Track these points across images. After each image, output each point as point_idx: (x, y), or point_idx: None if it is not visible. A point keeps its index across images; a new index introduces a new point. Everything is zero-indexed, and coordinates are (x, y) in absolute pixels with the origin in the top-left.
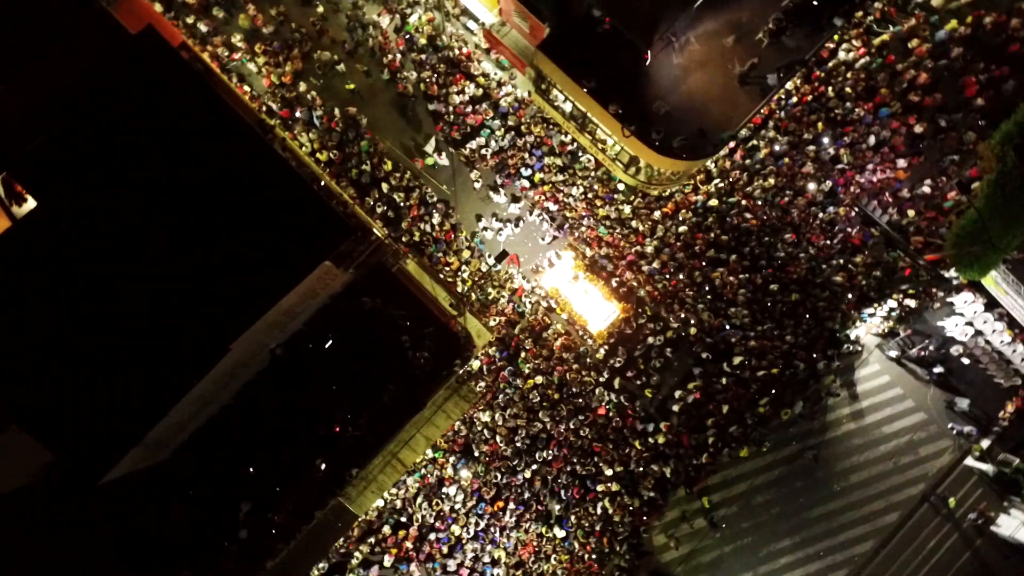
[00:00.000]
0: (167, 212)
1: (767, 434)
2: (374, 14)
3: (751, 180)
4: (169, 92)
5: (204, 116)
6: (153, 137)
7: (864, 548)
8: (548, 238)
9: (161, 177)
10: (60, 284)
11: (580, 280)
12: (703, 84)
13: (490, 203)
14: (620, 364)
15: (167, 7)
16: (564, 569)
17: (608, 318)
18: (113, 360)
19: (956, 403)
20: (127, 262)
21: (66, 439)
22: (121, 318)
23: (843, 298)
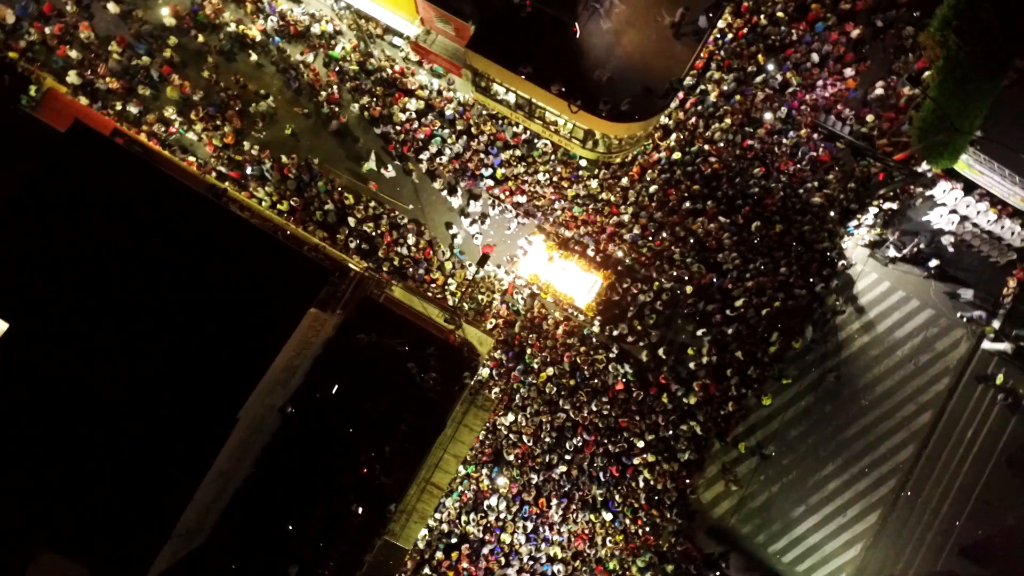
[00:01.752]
0: (140, 300)
1: (785, 368)
2: (297, 54)
3: (708, 125)
4: (112, 181)
5: (153, 196)
6: (107, 228)
7: (906, 454)
8: (513, 226)
9: (125, 266)
10: (49, 396)
11: (556, 260)
12: (637, 43)
13: (457, 211)
14: (618, 332)
15: (92, 98)
16: (621, 549)
17: (592, 289)
18: (125, 459)
19: (960, 294)
20: (112, 359)
21: (97, 550)
22: (121, 416)
23: (825, 217)
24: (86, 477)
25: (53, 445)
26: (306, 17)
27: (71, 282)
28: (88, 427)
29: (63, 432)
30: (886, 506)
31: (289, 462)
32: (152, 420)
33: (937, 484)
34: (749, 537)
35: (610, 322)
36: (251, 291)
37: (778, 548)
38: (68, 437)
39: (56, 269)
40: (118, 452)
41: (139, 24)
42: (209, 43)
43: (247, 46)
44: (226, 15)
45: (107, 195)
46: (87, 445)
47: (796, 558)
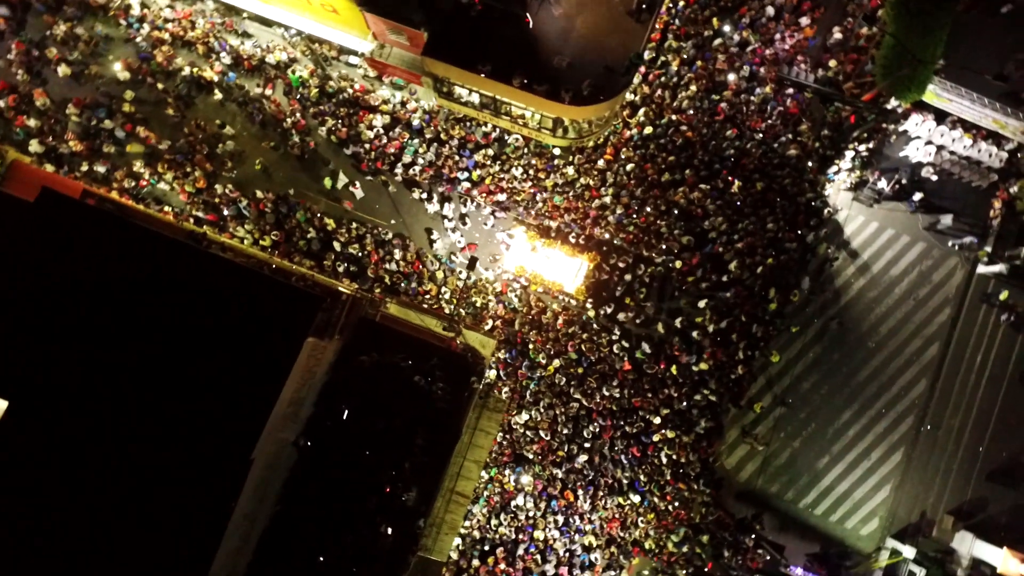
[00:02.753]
0: (135, 356)
1: (788, 321)
2: (255, 88)
3: (674, 95)
4: (89, 242)
5: (133, 251)
6: (90, 289)
7: (920, 389)
8: (491, 221)
9: (115, 324)
10: (63, 466)
11: (539, 249)
12: (591, 23)
13: (437, 218)
14: (624, 318)
15: (58, 164)
16: (655, 527)
17: (579, 273)
18: (146, 517)
19: (948, 223)
20: (116, 420)
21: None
22: (134, 474)
23: (804, 168)
24: (110, 541)
25: (73, 514)
26: (258, 50)
27: (66, 349)
28: (103, 490)
29: (80, 500)
30: (908, 443)
31: (312, 494)
32: (167, 474)
33: (955, 413)
34: (778, 496)
35: (602, 303)
36: (246, 330)
37: (808, 502)
38: (85, 504)
39: (47, 338)
40: (138, 511)
41: (94, 81)
42: (167, 89)
43: (205, 88)
44: (179, 60)
45: (86, 257)
46: (105, 509)
47: (827, 509)
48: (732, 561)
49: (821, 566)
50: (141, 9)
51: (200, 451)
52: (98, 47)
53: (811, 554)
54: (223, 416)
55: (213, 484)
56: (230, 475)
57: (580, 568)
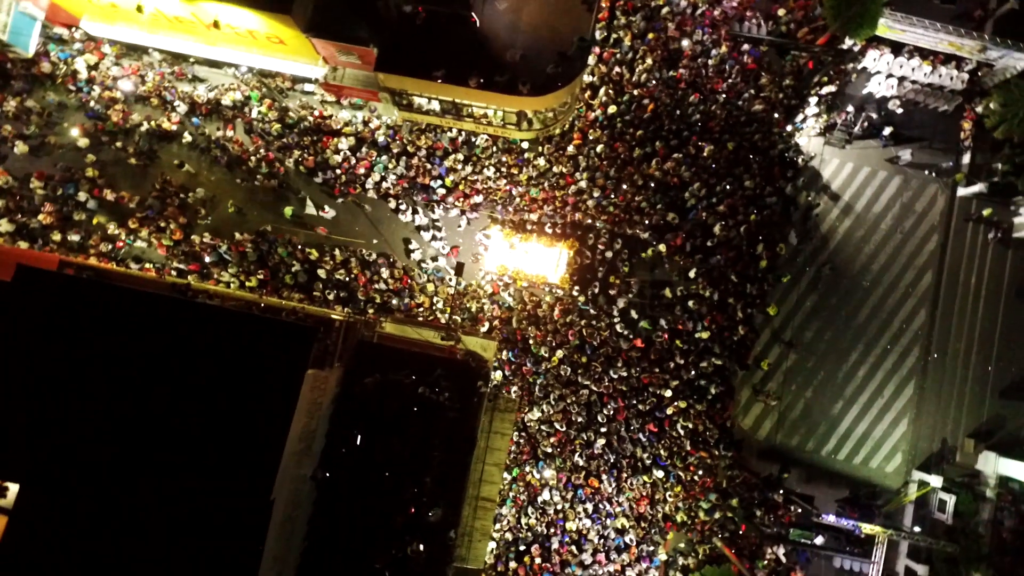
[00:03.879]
0: (137, 418)
1: (780, 274)
2: (215, 130)
3: (632, 70)
4: (72, 311)
5: (119, 313)
6: (86, 358)
7: (920, 320)
8: (464, 223)
9: (114, 388)
10: (83, 540)
11: (517, 245)
12: (538, 12)
13: (416, 229)
14: (623, 305)
15: (31, 239)
16: (683, 499)
17: (560, 261)
18: (173, 570)
19: (921, 151)
20: (130, 484)
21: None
22: (157, 534)
23: (771, 121)
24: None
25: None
26: (212, 93)
27: (69, 422)
28: (128, 557)
29: (107, 567)
30: (918, 375)
31: (338, 525)
32: (189, 532)
33: (959, 338)
34: (799, 447)
35: (587, 286)
36: (244, 373)
37: (830, 448)
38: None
39: (48, 414)
40: (165, 561)
41: (54, 151)
42: (127, 147)
43: (166, 139)
44: (135, 116)
45: (73, 326)
46: (132, 563)
47: (849, 452)
48: (765, 519)
49: (852, 510)
50: (88, 72)
51: (218, 502)
52: (52, 117)
53: (841, 500)
54: (236, 463)
55: (237, 533)
56: (253, 521)
57: (616, 551)
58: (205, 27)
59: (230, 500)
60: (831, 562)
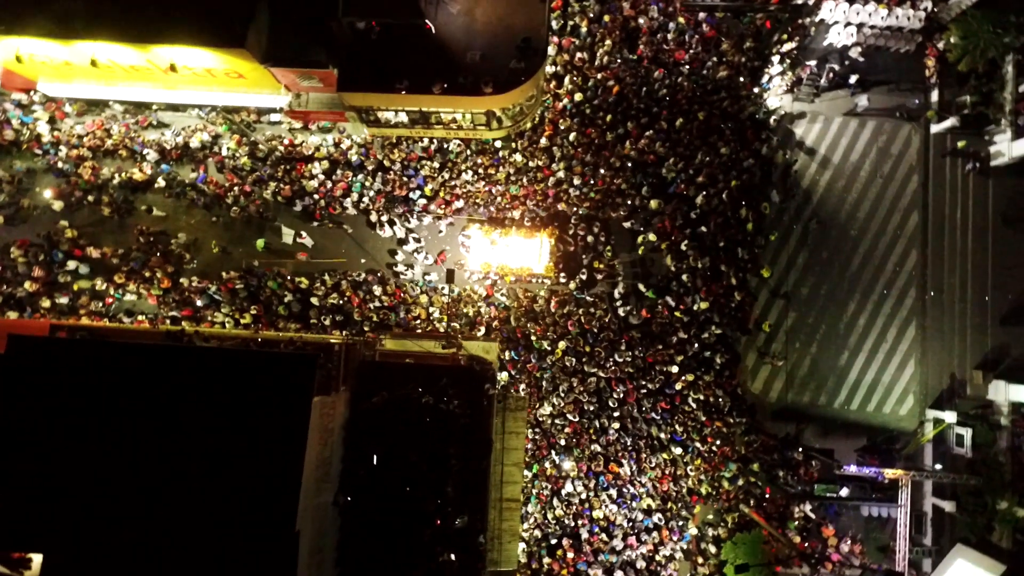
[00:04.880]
0: (151, 473)
1: (768, 232)
2: (188, 173)
3: (593, 54)
4: (72, 373)
5: (117, 369)
6: (91, 419)
7: (912, 260)
8: (444, 227)
9: (122, 445)
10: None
11: (497, 241)
12: (491, 11)
13: (400, 242)
14: (586, 277)
15: (19, 309)
16: (705, 472)
17: (543, 251)
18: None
19: (856, 105)
20: (152, 540)
21: None
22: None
23: (737, 86)
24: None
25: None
26: (180, 137)
27: (84, 485)
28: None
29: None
30: (918, 315)
31: (368, 546)
32: (218, 570)
33: (952, 273)
34: (811, 403)
35: (573, 273)
36: (251, 411)
37: (842, 400)
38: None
39: (61, 481)
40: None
41: (30, 215)
42: (100, 201)
43: (139, 189)
44: (105, 171)
45: (73, 389)
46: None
47: (862, 401)
48: (788, 479)
49: (873, 457)
50: (52, 134)
51: (244, 542)
52: (22, 183)
53: (860, 449)
54: (255, 501)
55: (267, 570)
56: (281, 556)
57: (646, 532)
58: (162, 72)
59: (256, 539)
60: (859, 512)
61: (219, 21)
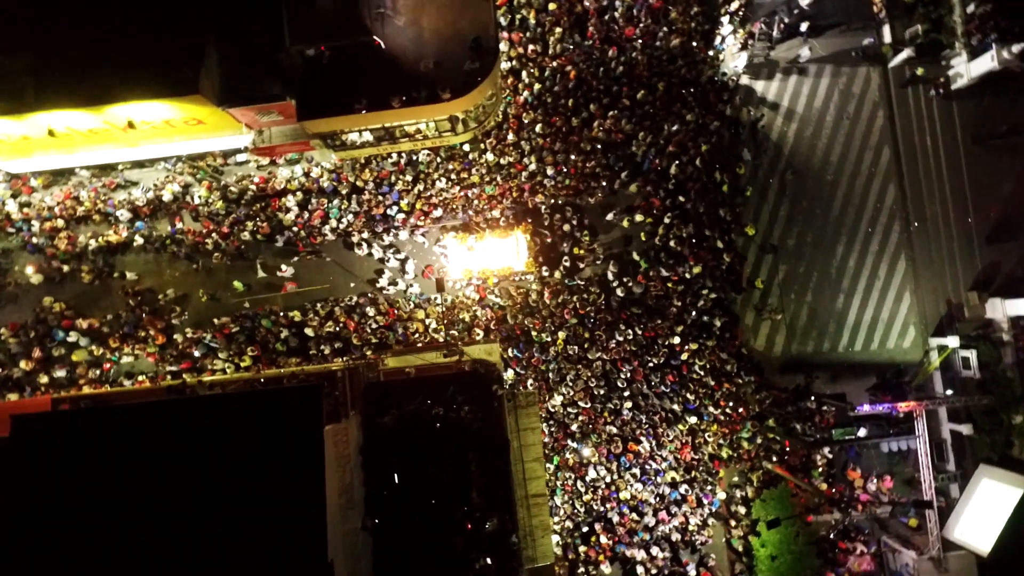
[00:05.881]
0: (176, 527)
1: (746, 190)
2: (166, 227)
3: (545, 44)
4: (82, 443)
5: (126, 430)
6: (107, 485)
7: (891, 195)
8: (420, 238)
9: (146, 505)
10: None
11: (474, 246)
12: (437, 18)
13: (383, 261)
14: (569, 264)
15: (18, 389)
16: (723, 436)
17: (520, 247)
18: None
19: (799, 56)
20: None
21: None
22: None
23: (692, 51)
24: None
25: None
26: (150, 193)
27: (109, 549)
28: None
29: None
30: (906, 247)
31: (403, 564)
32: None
33: (932, 201)
34: (816, 351)
35: (555, 264)
36: (264, 449)
37: (845, 343)
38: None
39: (86, 547)
40: None
41: (13, 291)
42: (82, 269)
43: (118, 251)
44: (81, 238)
45: (85, 458)
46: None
47: (864, 341)
48: (805, 430)
49: (884, 394)
50: (21, 211)
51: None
52: (0, 265)
53: (870, 388)
54: (283, 539)
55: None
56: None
57: (675, 505)
58: (121, 131)
59: (291, 574)
60: (879, 449)
61: (169, 71)
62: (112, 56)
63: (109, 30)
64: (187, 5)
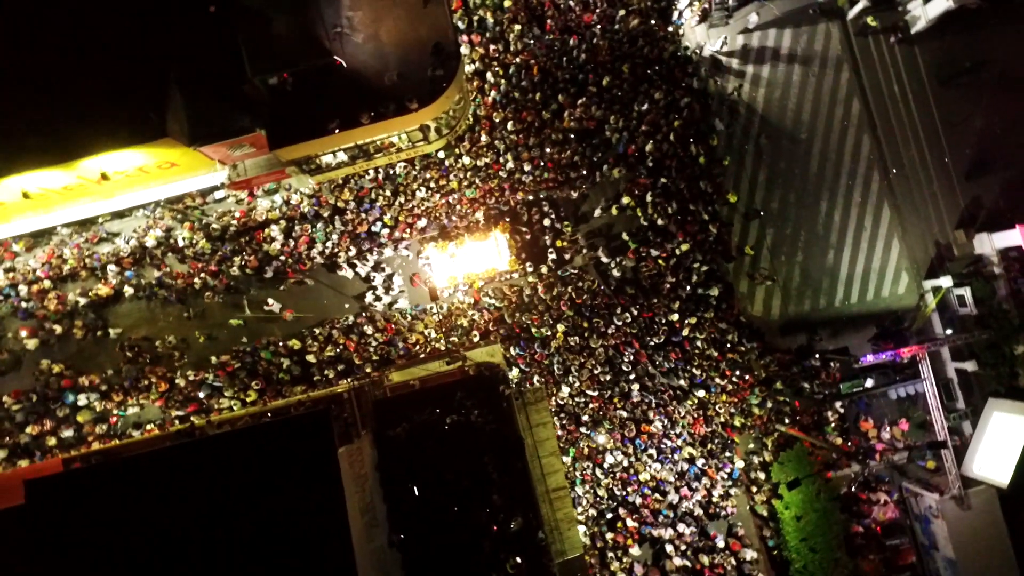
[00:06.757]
0: (204, 567)
1: (723, 160)
2: (153, 274)
3: (506, 42)
4: (99, 498)
5: (141, 481)
6: (129, 539)
7: (867, 145)
8: (403, 251)
9: (169, 553)
10: None
11: (455, 253)
12: (395, 29)
13: (372, 278)
14: (555, 257)
15: (28, 455)
16: (735, 405)
17: (501, 247)
18: None
19: (749, 22)
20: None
21: None
22: None
23: (652, 30)
24: None
25: None
26: (133, 241)
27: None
28: None
29: None
30: (888, 195)
31: (434, 573)
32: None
33: (907, 145)
34: (813, 310)
35: (539, 259)
36: (280, 480)
37: (840, 298)
38: None
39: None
40: None
41: (18, 363)
42: (76, 327)
43: (109, 303)
44: (71, 296)
45: (101, 515)
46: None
47: (859, 293)
48: (813, 388)
49: (886, 342)
50: (7, 276)
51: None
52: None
53: (872, 338)
54: (311, 566)
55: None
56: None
57: (695, 479)
58: (96, 184)
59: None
60: (888, 397)
61: (135, 117)
62: (76, 110)
63: (69, 84)
64: (144, 49)
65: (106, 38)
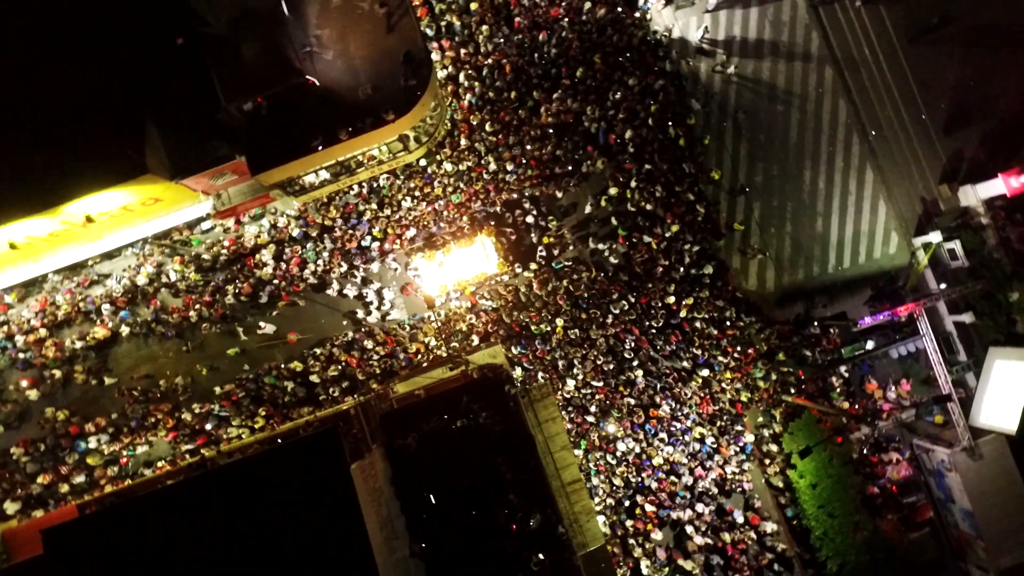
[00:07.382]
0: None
1: (703, 139)
2: (147, 312)
3: (476, 46)
4: (117, 540)
5: (156, 517)
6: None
7: (844, 110)
8: (392, 263)
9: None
10: None
11: (443, 261)
12: (363, 43)
13: (365, 293)
14: (544, 254)
15: (42, 505)
16: (740, 381)
17: (488, 250)
18: None
19: (708, 2)
20: None
21: None
22: None
23: (619, 17)
24: None
25: None
26: (124, 280)
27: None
28: None
29: None
30: (870, 158)
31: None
32: None
33: (883, 107)
34: (807, 278)
35: (527, 259)
36: (295, 502)
37: (833, 264)
38: None
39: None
40: None
41: (23, 415)
42: (76, 371)
43: (107, 345)
44: (68, 342)
45: (122, 555)
46: None
47: (851, 257)
48: (815, 355)
49: (882, 303)
50: (1, 329)
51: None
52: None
53: (868, 300)
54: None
55: None
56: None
57: (708, 458)
58: (82, 227)
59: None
60: (890, 356)
61: (114, 156)
62: (55, 156)
63: (46, 131)
64: (117, 89)
65: (77, 83)
